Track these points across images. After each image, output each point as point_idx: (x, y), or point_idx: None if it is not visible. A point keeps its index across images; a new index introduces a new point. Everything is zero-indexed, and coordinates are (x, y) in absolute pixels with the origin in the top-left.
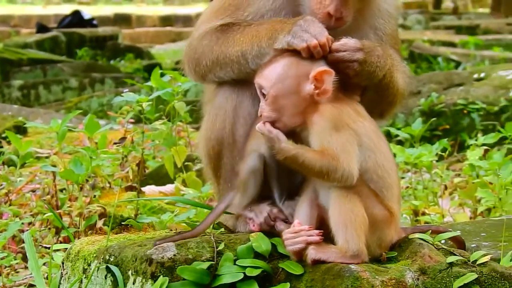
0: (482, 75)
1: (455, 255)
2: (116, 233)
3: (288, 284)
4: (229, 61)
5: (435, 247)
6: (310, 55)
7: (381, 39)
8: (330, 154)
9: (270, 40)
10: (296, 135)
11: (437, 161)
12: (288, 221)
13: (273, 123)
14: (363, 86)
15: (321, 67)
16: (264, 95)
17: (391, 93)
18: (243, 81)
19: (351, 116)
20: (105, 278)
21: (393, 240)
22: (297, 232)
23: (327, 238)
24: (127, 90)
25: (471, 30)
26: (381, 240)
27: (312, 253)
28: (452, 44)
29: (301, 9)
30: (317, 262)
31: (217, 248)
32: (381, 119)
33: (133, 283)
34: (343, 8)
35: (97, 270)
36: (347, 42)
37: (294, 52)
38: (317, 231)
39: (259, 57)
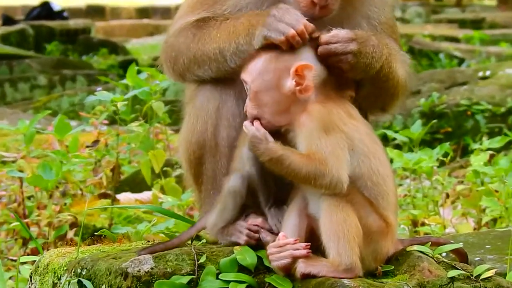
0: (488, 73)
1: (457, 269)
2: (89, 245)
3: None
4: (207, 59)
5: (435, 261)
6: (291, 46)
7: (375, 29)
8: (318, 158)
9: (247, 37)
10: (282, 137)
11: (438, 167)
12: (273, 232)
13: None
14: (357, 82)
15: (302, 61)
16: (247, 90)
17: (391, 85)
18: (226, 79)
19: (342, 118)
20: None
21: (390, 253)
22: (282, 246)
23: (318, 250)
24: (100, 88)
25: (476, 24)
26: (376, 252)
27: (302, 267)
28: (455, 39)
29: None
30: (307, 277)
31: (198, 260)
32: (383, 113)
33: None
34: None
35: (68, 284)
36: (338, 33)
37: (276, 45)
38: (304, 244)
39: (237, 54)
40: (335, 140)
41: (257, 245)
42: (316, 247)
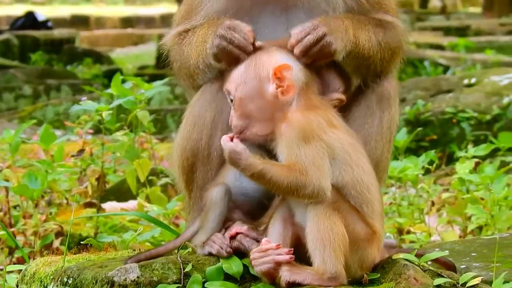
0: (473, 80)
1: (443, 277)
2: (75, 253)
3: None
4: (190, 72)
5: (421, 269)
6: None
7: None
8: (298, 169)
9: (203, 53)
10: (262, 149)
11: (423, 174)
12: (259, 241)
13: (242, 133)
14: (348, 85)
15: (278, 62)
16: (231, 101)
17: (369, 52)
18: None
19: (322, 127)
20: None
21: (376, 261)
22: (265, 251)
23: (303, 259)
24: (85, 98)
25: (461, 31)
26: (362, 260)
27: (286, 275)
28: (440, 47)
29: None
30: (292, 285)
31: (184, 269)
32: (383, 78)
33: None
34: None
35: None
36: (301, 29)
37: (257, 52)
38: (286, 249)
39: (208, 67)
40: (315, 149)
41: (243, 253)
42: (301, 256)
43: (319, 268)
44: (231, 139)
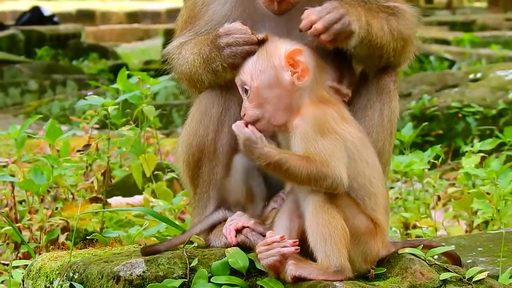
0: (479, 75)
1: (449, 271)
2: (80, 249)
3: None
4: (194, 81)
5: (427, 263)
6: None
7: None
8: (318, 160)
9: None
10: (274, 140)
11: (429, 169)
12: (265, 235)
13: (256, 123)
14: (355, 80)
15: (288, 49)
16: (246, 91)
17: (384, 42)
18: (231, 86)
19: (336, 120)
20: None
21: (380, 254)
22: (270, 244)
23: (310, 253)
24: (91, 93)
25: (467, 26)
26: (366, 254)
27: (292, 269)
28: (445, 42)
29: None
30: (298, 279)
31: (190, 264)
32: (395, 67)
33: None
34: None
35: None
36: (321, 7)
37: (265, 44)
38: (291, 241)
39: (212, 74)
40: (332, 142)
41: (249, 248)
42: (307, 251)
43: (323, 263)
44: (246, 126)
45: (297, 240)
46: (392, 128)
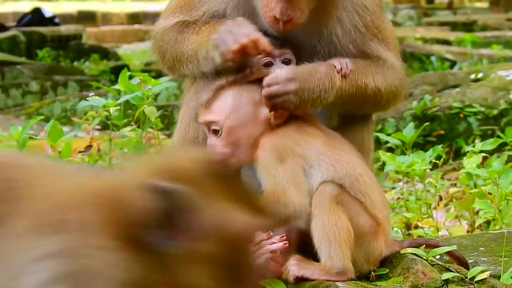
0: (480, 75)
1: (451, 271)
2: None
3: None
4: (186, 60)
5: (429, 263)
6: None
7: (350, 32)
8: (279, 190)
9: (205, 49)
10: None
11: (431, 169)
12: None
13: (226, 160)
14: None
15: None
16: (215, 131)
17: (362, 100)
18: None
19: (296, 140)
20: None
21: (383, 254)
22: (259, 243)
23: (311, 254)
24: (92, 94)
25: (468, 26)
26: (368, 254)
27: (295, 270)
28: (446, 42)
29: (256, 10)
30: (300, 280)
31: None
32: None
33: None
34: (291, 11)
35: None
36: (278, 75)
37: (237, 81)
38: (278, 237)
39: (207, 60)
40: (291, 167)
41: None
42: (308, 252)
43: (326, 264)
44: None
45: (284, 235)
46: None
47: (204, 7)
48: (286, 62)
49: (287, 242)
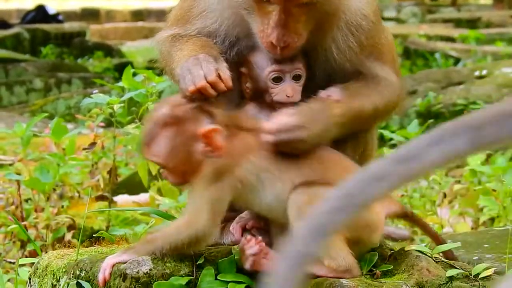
0: (484, 72)
1: (455, 268)
2: (87, 247)
3: None
4: (173, 76)
5: (433, 260)
6: (203, 97)
7: (347, 52)
8: (194, 212)
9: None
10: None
11: None
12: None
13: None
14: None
15: (207, 126)
16: (162, 165)
17: (362, 121)
18: None
19: (236, 160)
20: None
21: (383, 218)
22: (242, 249)
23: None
24: (96, 91)
25: (472, 23)
26: (371, 226)
27: None
28: (450, 39)
29: (252, 30)
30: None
31: (196, 262)
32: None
33: None
34: (287, 37)
35: (67, 286)
36: (282, 121)
37: (171, 117)
38: (254, 240)
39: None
40: (219, 191)
41: None
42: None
43: (331, 265)
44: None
45: (260, 238)
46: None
47: (198, 24)
48: (297, 77)
49: (263, 244)
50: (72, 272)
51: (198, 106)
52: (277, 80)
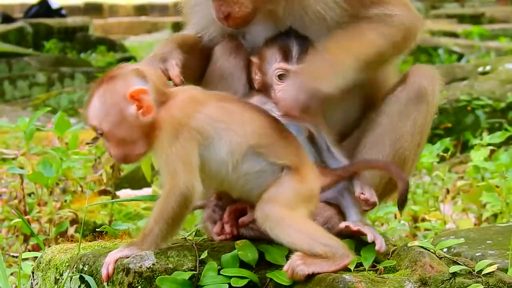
0: (488, 68)
1: (458, 264)
2: (90, 241)
3: None
4: None
5: (436, 256)
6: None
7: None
8: (169, 172)
9: None
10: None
11: (438, 162)
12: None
13: (124, 160)
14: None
15: (135, 86)
16: (101, 134)
17: (371, 67)
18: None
19: (188, 113)
20: None
21: (317, 190)
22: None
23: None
24: None
25: (475, 19)
26: (305, 197)
27: (304, 269)
28: (454, 35)
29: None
30: (311, 276)
31: (199, 256)
32: (417, 71)
33: None
34: (225, 7)
35: (70, 280)
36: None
37: (104, 79)
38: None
39: None
40: (183, 144)
41: (259, 240)
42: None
43: (327, 253)
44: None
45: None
46: (421, 140)
47: (194, 30)
48: None
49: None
50: (75, 266)
51: (135, 69)
52: (282, 77)
